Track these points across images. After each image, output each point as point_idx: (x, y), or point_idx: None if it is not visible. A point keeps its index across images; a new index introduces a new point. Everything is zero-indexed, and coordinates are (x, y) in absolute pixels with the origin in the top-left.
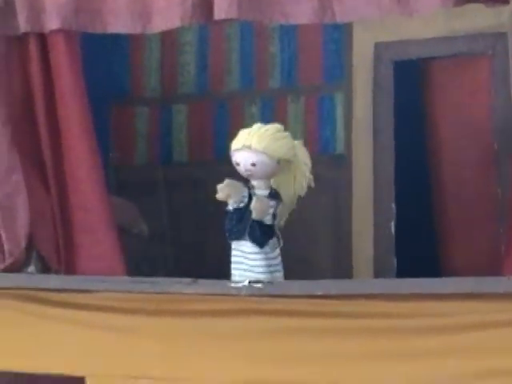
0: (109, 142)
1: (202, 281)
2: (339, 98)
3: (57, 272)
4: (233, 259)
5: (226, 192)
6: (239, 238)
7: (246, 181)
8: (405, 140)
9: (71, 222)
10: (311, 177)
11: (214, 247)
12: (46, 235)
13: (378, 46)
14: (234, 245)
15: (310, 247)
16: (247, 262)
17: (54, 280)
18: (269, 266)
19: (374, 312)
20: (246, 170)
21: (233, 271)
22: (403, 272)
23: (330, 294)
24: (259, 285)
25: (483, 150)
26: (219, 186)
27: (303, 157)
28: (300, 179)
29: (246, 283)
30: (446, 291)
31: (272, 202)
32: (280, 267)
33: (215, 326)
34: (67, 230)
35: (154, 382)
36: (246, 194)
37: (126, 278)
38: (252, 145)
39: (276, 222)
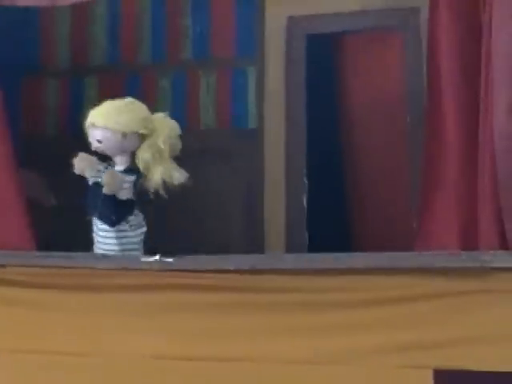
0: (19, 115)
1: (113, 255)
2: (251, 72)
3: None
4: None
5: (80, 166)
6: (93, 213)
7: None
8: (317, 114)
9: None
10: (177, 146)
11: None
12: None
13: (290, 19)
14: (93, 219)
15: (223, 221)
16: (99, 238)
17: None
18: (121, 244)
19: (285, 287)
20: (95, 148)
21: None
22: (315, 246)
23: (241, 269)
24: (170, 259)
25: (396, 125)
26: (74, 160)
27: (164, 128)
28: (163, 150)
29: (157, 258)
30: (357, 266)
31: (128, 177)
32: (139, 247)
33: (126, 301)
34: None
35: (65, 357)
36: (102, 168)
37: (37, 252)
38: (95, 122)
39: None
